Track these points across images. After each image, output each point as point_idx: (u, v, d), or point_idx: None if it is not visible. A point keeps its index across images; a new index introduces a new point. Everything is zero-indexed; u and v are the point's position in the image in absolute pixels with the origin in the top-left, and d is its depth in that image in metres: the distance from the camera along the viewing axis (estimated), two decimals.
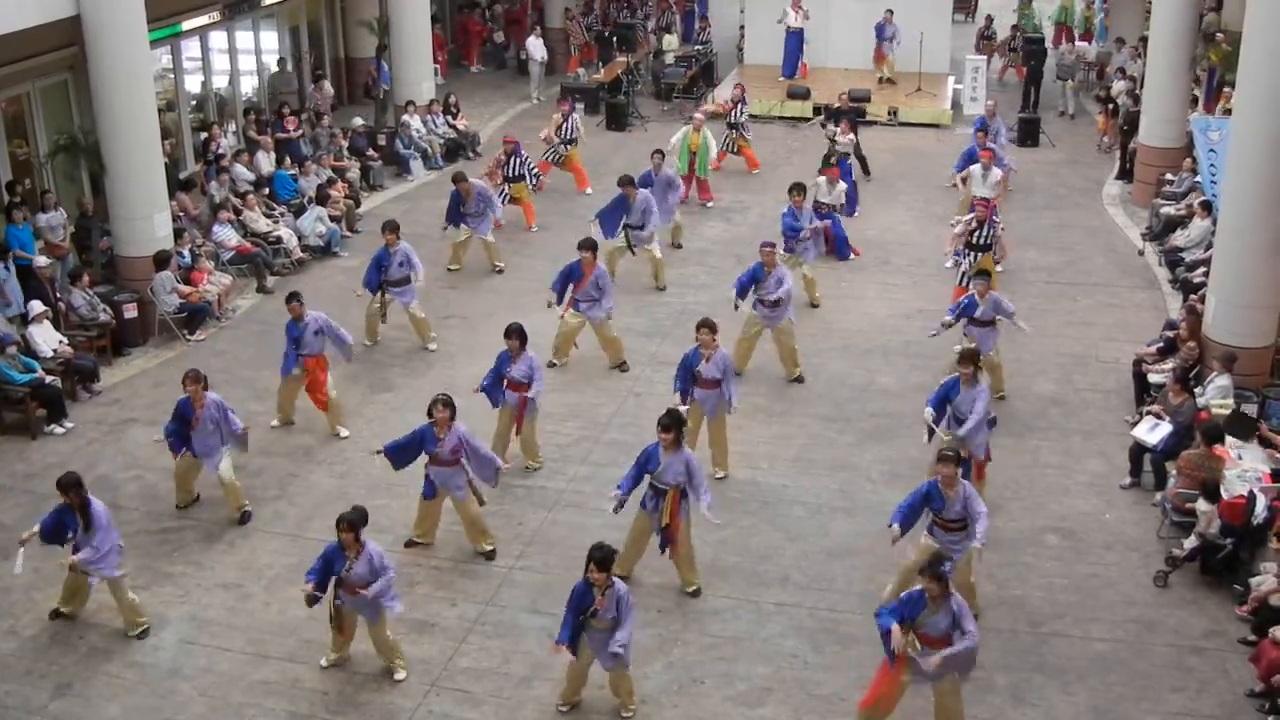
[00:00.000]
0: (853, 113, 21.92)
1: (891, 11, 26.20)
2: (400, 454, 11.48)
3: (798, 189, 16.60)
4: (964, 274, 15.70)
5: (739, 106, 22.12)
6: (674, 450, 10.75)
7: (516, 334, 12.59)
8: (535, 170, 20.13)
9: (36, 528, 10.45)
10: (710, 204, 20.75)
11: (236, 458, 12.34)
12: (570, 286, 14.70)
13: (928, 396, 12.33)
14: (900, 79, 26.62)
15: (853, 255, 18.48)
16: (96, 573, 10.31)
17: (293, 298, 13.62)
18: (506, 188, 19.33)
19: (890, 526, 10.35)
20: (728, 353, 12.78)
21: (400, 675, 10.09)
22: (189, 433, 11.89)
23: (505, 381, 12.63)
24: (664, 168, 18.43)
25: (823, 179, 18.35)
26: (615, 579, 9.37)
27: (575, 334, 14.99)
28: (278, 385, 13.82)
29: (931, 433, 11.93)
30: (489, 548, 11.63)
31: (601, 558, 9.23)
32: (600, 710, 9.80)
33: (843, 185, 18.44)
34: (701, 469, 11.04)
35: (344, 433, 13.66)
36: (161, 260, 15.63)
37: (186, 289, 16.03)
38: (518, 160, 19.33)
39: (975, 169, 18.53)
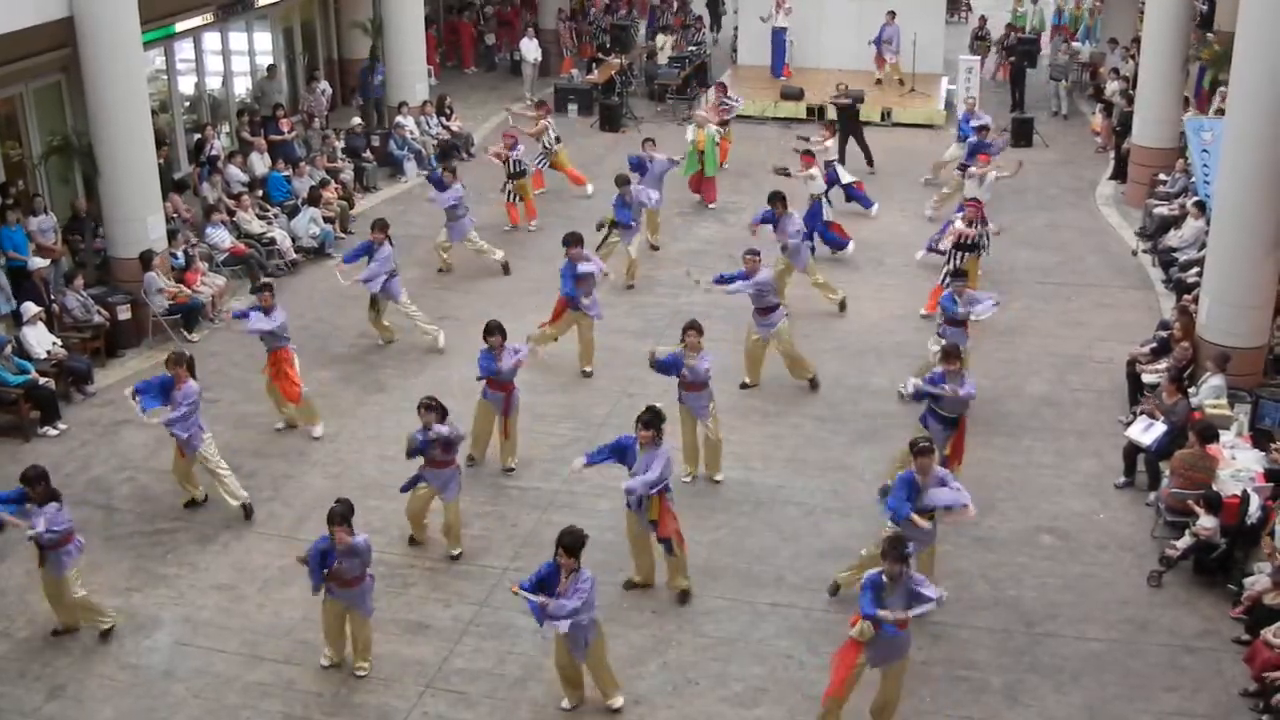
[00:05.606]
0: (845, 106, 21.88)
1: (893, 13, 26.17)
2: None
3: (778, 199, 16.24)
4: (945, 273, 15.75)
5: (725, 104, 22.04)
6: (651, 448, 10.69)
7: (497, 330, 12.57)
8: (527, 168, 20.04)
9: None
10: (713, 206, 20.77)
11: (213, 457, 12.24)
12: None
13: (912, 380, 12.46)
14: (895, 80, 26.62)
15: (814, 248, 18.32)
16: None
17: (264, 288, 13.83)
18: (510, 184, 19.42)
19: (899, 521, 10.26)
20: (710, 359, 12.61)
21: (362, 673, 10.07)
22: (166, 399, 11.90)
23: (490, 380, 12.59)
24: (655, 154, 18.56)
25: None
26: (584, 568, 9.30)
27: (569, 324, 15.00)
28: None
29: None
30: (456, 551, 11.64)
31: (570, 542, 9.23)
32: (600, 710, 9.79)
33: (818, 173, 18.38)
34: (670, 468, 10.82)
35: (316, 432, 13.62)
36: (146, 260, 15.55)
37: (172, 288, 15.91)
38: (515, 156, 19.34)
39: (972, 169, 18.52)
